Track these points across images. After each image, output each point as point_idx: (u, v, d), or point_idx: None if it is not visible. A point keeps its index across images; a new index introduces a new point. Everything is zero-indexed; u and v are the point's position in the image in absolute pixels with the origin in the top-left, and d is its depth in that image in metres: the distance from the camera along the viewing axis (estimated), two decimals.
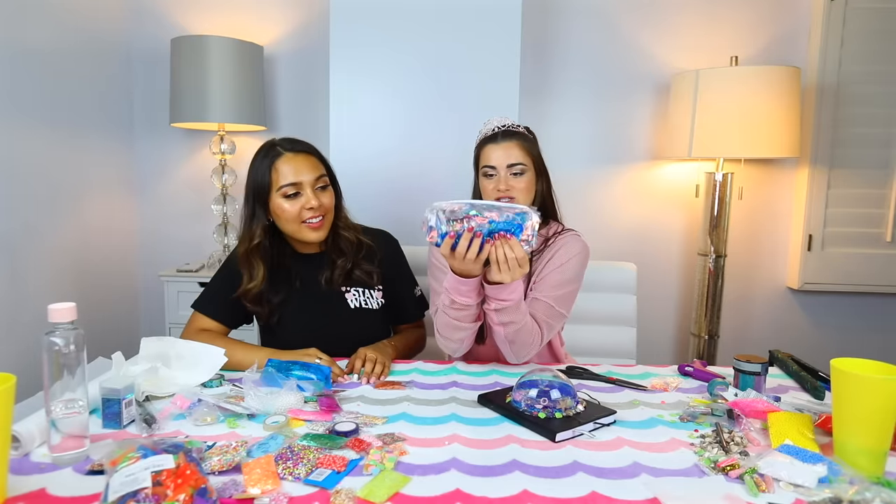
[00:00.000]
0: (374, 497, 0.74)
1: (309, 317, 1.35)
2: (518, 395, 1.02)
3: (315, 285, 1.35)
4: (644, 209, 2.42)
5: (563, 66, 2.35)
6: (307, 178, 1.27)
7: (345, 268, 1.35)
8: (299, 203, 1.27)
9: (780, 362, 1.32)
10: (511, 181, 1.30)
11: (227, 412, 0.99)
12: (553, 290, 1.29)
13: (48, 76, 1.90)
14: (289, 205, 1.27)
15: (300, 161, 1.28)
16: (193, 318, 1.36)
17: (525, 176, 1.30)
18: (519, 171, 1.30)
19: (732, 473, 0.80)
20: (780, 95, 1.99)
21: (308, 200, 1.26)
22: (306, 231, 1.29)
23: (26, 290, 1.81)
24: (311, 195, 1.27)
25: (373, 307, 1.39)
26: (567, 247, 1.33)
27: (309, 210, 1.27)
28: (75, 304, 0.83)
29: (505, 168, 1.29)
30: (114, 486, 0.69)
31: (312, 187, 1.28)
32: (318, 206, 1.27)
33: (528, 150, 1.32)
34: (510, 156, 1.29)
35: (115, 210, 2.30)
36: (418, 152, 2.00)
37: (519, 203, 1.27)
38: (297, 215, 1.27)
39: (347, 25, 1.95)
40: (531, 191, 1.33)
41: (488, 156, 1.31)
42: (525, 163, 1.30)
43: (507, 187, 1.29)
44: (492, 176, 1.31)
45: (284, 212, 1.27)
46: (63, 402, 0.81)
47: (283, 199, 1.27)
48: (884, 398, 0.80)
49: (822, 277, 2.35)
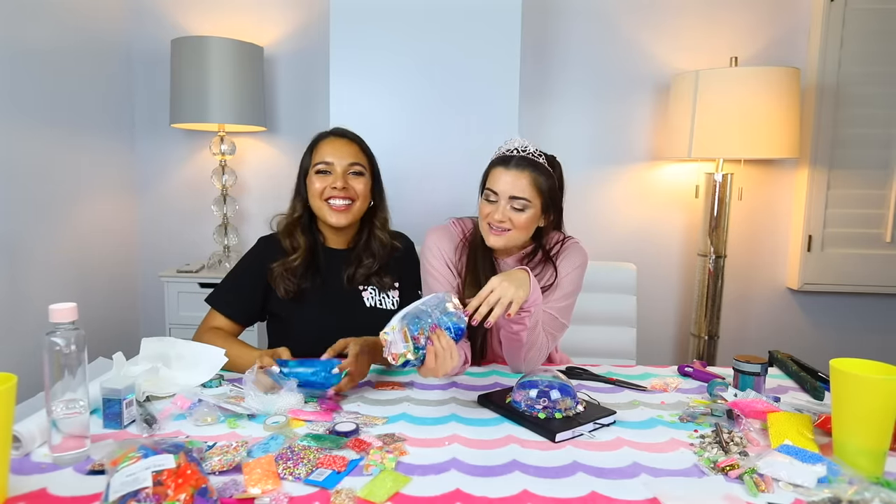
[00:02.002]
0: (374, 497, 0.74)
1: (324, 311, 1.34)
2: (518, 396, 1.02)
3: (336, 281, 1.36)
4: (644, 210, 2.42)
5: (563, 66, 2.35)
6: (339, 161, 1.33)
7: (370, 268, 1.37)
8: (327, 181, 1.31)
9: (779, 363, 1.32)
10: (510, 213, 1.21)
11: (227, 412, 0.99)
12: (557, 301, 1.29)
13: (48, 76, 1.90)
14: (318, 181, 1.32)
15: (339, 144, 1.35)
16: (208, 313, 1.36)
17: (526, 213, 1.21)
18: (520, 206, 1.21)
19: (732, 473, 0.80)
20: (779, 96, 1.99)
21: (335, 180, 1.31)
22: (327, 211, 1.32)
23: (27, 291, 1.81)
24: (340, 176, 1.32)
25: (388, 307, 1.39)
26: (569, 258, 1.32)
27: (333, 189, 1.31)
28: (76, 304, 0.83)
29: (507, 199, 1.20)
30: (115, 486, 0.70)
31: (344, 171, 1.33)
32: (344, 187, 1.31)
33: (539, 186, 1.22)
34: (516, 187, 1.20)
35: (115, 210, 2.30)
36: (418, 153, 2.00)
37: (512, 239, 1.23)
38: (320, 192, 1.32)
39: (347, 26, 1.95)
40: (529, 229, 1.25)
41: (495, 179, 1.23)
42: (530, 199, 1.21)
43: (503, 219, 1.21)
44: (493, 202, 1.23)
45: (312, 187, 1.33)
46: (64, 403, 0.81)
47: (314, 175, 1.33)
48: (883, 398, 0.80)
49: (821, 278, 2.35)
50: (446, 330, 1.01)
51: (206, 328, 1.33)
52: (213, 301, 1.36)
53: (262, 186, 2.41)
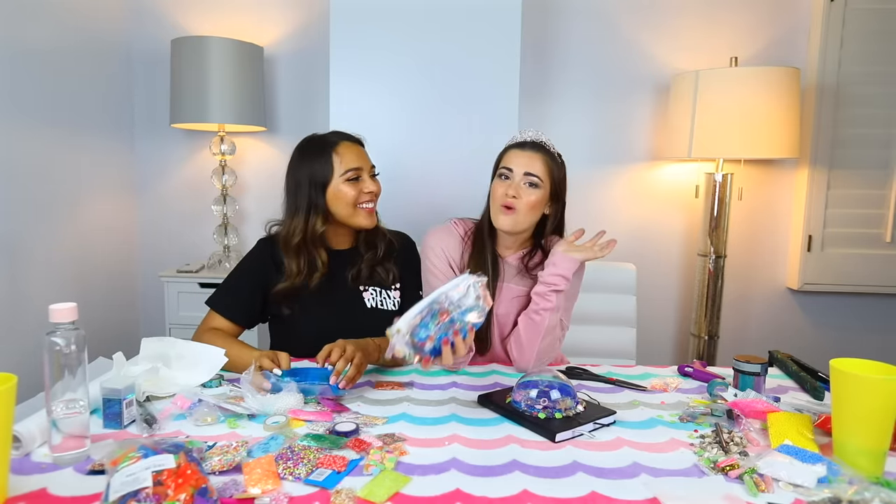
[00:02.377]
0: (374, 497, 0.74)
1: (325, 312, 1.34)
2: (518, 396, 1.02)
3: (339, 281, 1.37)
4: (644, 210, 2.42)
5: (563, 66, 2.35)
6: (367, 165, 1.37)
7: (373, 261, 1.39)
8: (359, 187, 1.34)
9: (779, 363, 1.32)
10: (522, 190, 1.26)
11: (227, 412, 0.99)
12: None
13: (48, 76, 1.90)
14: (350, 188, 1.33)
15: (359, 149, 1.38)
16: (208, 314, 1.36)
17: (538, 191, 1.27)
18: (535, 182, 1.26)
19: (732, 473, 0.80)
20: (779, 96, 1.99)
21: (367, 185, 1.35)
22: (361, 215, 1.35)
23: (27, 291, 1.81)
24: (370, 180, 1.36)
25: (388, 308, 1.39)
26: None
27: (367, 194, 1.34)
28: (76, 304, 0.83)
29: (522, 175, 1.26)
30: (115, 486, 0.70)
31: (370, 174, 1.37)
32: (376, 190, 1.36)
33: (551, 169, 1.28)
34: (531, 165, 1.26)
35: (115, 210, 2.30)
36: (418, 153, 2.01)
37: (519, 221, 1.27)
38: (355, 198, 1.33)
39: (347, 26, 1.95)
40: (536, 211, 1.29)
41: (510, 159, 1.29)
42: (543, 178, 1.26)
43: (516, 194, 1.26)
44: (506, 178, 1.28)
45: (345, 195, 1.32)
46: (64, 403, 0.81)
47: (345, 182, 1.33)
48: (883, 398, 0.80)
49: (821, 278, 2.35)
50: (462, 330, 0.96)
51: (205, 328, 1.33)
52: (213, 303, 1.36)
53: (262, 186, 2.41)
